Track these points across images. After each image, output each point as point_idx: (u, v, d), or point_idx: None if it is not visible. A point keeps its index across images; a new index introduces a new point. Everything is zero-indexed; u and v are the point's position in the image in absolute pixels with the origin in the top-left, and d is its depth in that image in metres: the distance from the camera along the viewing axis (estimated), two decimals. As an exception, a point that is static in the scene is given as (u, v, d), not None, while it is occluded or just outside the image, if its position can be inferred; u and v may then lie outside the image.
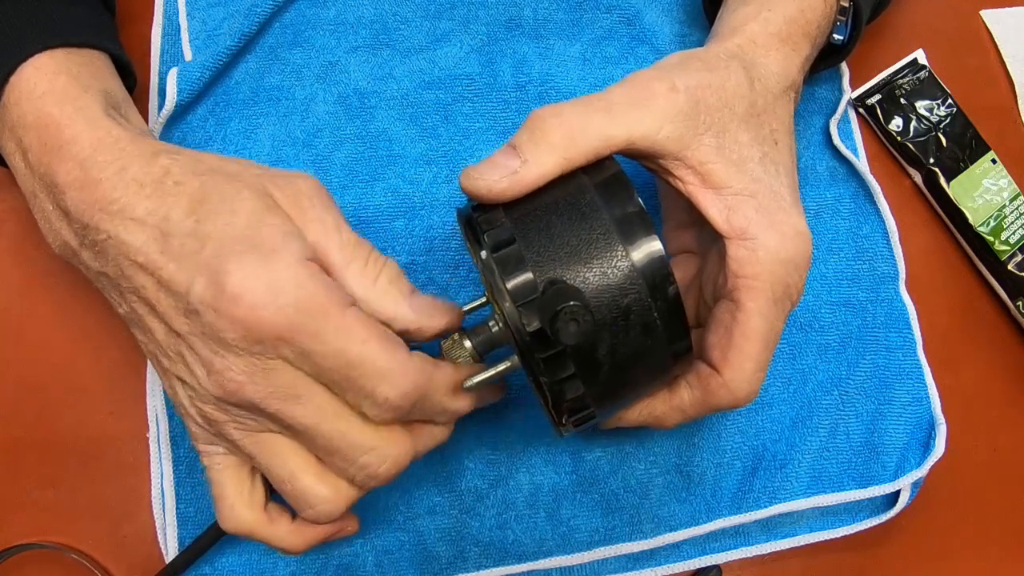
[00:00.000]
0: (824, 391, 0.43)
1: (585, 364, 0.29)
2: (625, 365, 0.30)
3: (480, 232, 0.30)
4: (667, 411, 0.35)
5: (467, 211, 0.32)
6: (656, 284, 0.29)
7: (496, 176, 0.31)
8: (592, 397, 0.30)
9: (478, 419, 0.41)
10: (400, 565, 0.39)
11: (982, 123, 0.49)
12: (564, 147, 0.31)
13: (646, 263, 0.29)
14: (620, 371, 0.30)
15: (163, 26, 0.45)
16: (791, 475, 0.42)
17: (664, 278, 0.29)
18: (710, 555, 0.41)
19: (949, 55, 0.51)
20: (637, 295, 0.29)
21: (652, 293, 0.29)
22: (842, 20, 0.42)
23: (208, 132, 0.43)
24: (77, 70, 0.34)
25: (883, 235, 0.46)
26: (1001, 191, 0.48)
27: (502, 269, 0.29)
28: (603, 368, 0.30)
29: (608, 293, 0.29)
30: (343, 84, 0.44)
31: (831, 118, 0.48)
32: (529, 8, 0.47)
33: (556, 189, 0.31)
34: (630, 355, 0.30)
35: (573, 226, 0.30)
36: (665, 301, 0.30)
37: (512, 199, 0.31)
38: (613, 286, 0.29)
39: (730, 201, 0.32)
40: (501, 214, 0.30)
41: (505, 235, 0.29)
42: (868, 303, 0.45)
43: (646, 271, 0.29)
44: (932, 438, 0.43)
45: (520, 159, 0.31)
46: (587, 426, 0.32)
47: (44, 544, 0.38)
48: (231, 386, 0.29)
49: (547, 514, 0.40)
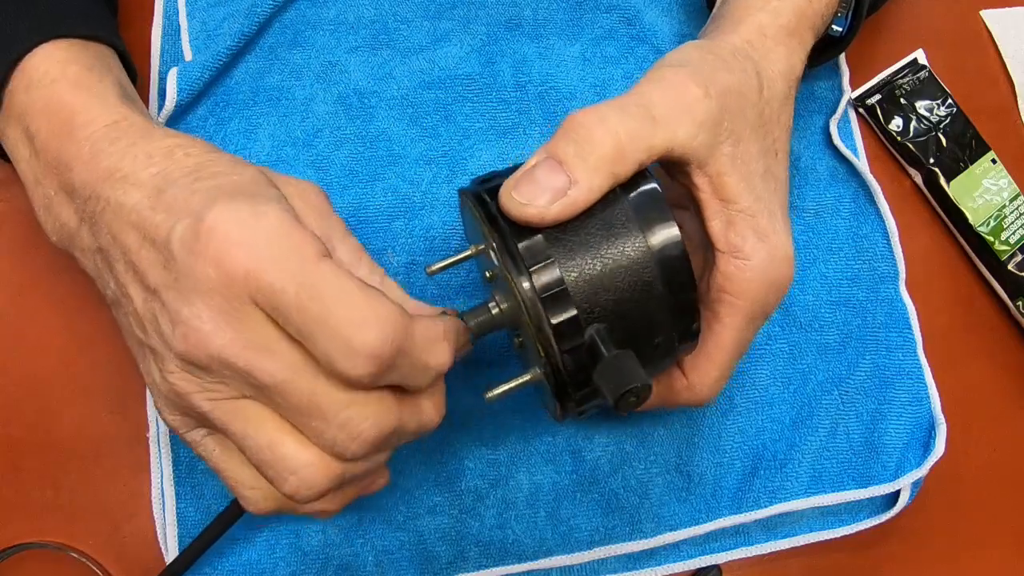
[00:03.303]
0: (824, 391, 0.43)
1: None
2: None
3: (519, 258, 0.29)
4: None
5: (478, 192, 0.31)
6: (680, 317, 0.31)
7: (544, 201, 0.29)
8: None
9: (478, 419, 0.41)
10: (400, 565, 0.39)
11: (982, 123, 0.49)
12: (613, 161, 0.30)
13: (664, 256, 0.30)
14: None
15: (163, 26, 0.45)
16: (791, 475, 0.42)
17: (691, 317, 0.31)
18: (710, 555, 0.41)
19: (949, 55, 0.51)
20: (666, 337, 0.30)
21: (675, 325, 0.31)
22: (842, 11, 0.42)
23: (208, 132, 0.43)
24: (90, 61, 0.34)
25: (883, 235, 0.46)
26: (1001, 191, 0.48)
27: (548, 309, 0.29)
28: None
29: (640, 326, 0.30)
30: (343, 84, 0.44)
31: (831, 118, 0.48)
32: (529, 8, 0.47)
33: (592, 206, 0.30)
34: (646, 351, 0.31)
35: (607, 249, 0.29)
36: (687, 335, 0.32)
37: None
38: (644, 319, 0.30)
39: (732, 217, 0.33)
40: (541, 240, 0.29)
41: (553, 277, 0.29)
42: (868, 303, 0.45)
43: (664, 264, 0.30)
44: (932, 438, 0.43)
45: (566, 176, 0.29)
46: (588, 411, 0.33)
47: (44, 544, 0.38)
48: (195, 336, 0.26)
49: (547, 514, 0.40)
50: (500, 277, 0.31)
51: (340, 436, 0.27)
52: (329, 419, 0.27)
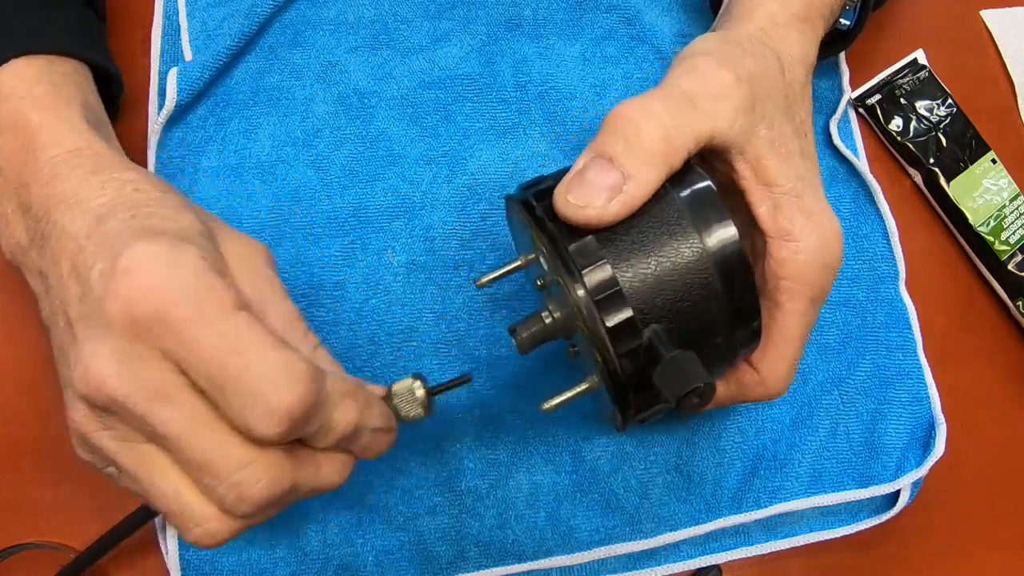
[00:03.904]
0: (824, 391, 0.43)
1: None
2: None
3: (571, 261, 0.28)
4: None
5: (525, 197, 0.31)
6: (740, 318, 0.30)
7: (601, 201, 0.28)
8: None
9: (478, 419, 0.41)
10: (400, 565, 0.39)
11: (982, 123, 0.49)
12: (664, 153, 0.29)
13: (721, 256, 0.29)
14: None
15: (163, 26, 0.45)
16: (791, 475, 0.42)
17: (752, 317, 0.30)
18: (710, 555, 0.41)
19: (949, 55, 0.51)
20: (726, 338, 0.30)
21: (735, 325, 0.30)
22: (850, 5, 0.42)
23: (208, 132, 0.43)
24: (60, 80, 0.34)
25: (883, 235, 0.46)
26: (1001, 191, 0.48)
27: (602, 310, 0.28)
28: None
29: (699, 327, 0.29)
30: (343, 84, 0.44)
31: (831, 118, 0.48)
32: (529, 8, 0.47)
33: (651, 219, 0.29)
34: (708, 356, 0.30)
35: (662, 249, 0.29)
36: (749, 336, 0.31)
37: None
38: (703, 319, 0.29)
39: (778, 199, 0.32)
40: (593, 242, 0.28)
41: (606, 276, 0.28)
42: (868, 303, 0.45)
43: (722, 266, 0.29)
44: (932, 438, 0.43)
45: (619, 173, 0.29)
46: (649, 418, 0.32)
47: (44, 544, 0.38)
48: (94, 378, 0.25)
49: (547, 514, 0.40)
50: (552, 283, 0.31)
51: (230, 496, 0.26)
52: (221, 478, 0.26)
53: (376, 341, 0.41)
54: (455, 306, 0.42)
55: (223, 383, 0.25)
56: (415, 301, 0.42)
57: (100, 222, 0.28)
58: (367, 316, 0.41)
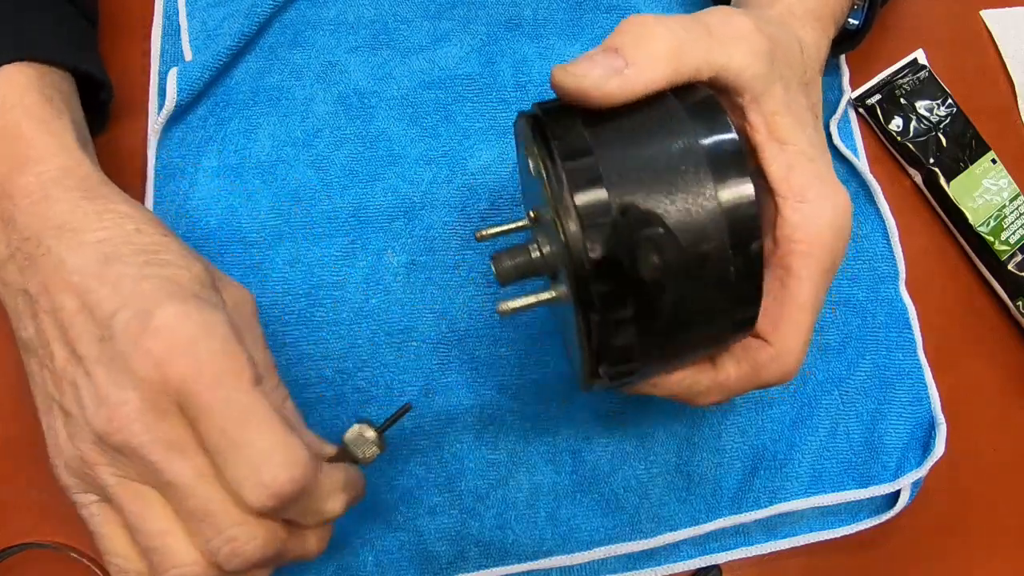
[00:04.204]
0: (824, 391, 0.43)
1: (647, 309, 0.26)
2: (688, 321, 0.27)
3: (550, 137, 0.26)
4: (709, 386, 0.32)
5: (533, 112, 0.29)
6: (741, 235, 0.26)
7: (599, 72, 0.27)
8: (641, 349, 0.27)
9: (478, 419, 0.41)
10: (400, 565, 0.39)
11: (982, 123, 0.49)
12: (670, 56, 0.28)
13: (734, 207, 0.26)
14: (680, 327, 0.27)
15: (163, 26, 0.45)
16: (791, 475, 0.42)
17: (751, 231, 0.26)
18: (710, 555, 0.41)
19: (949, 55, 0.51)
20: (719, 243, 0.26)
21: (735, 244, 0.26)
22: (859, 5, 0.42)
23: (208, 132, 0.43)
24: (50, 92, 0.34)
25: (883, 235, 0.46)
26: (1001, 191, 0.48)
27: (572, 182, 0.25)
28: (663, 318, 0.27)
29: (688, 233, 0.26)
30: (343, 84, 0.44)
31: (831, 118, 0.48)
32: (529, 8, 0.47)
33: (642, 105, 0.27)
34: (696, 311, 0.27)
35: (659, 149, 0.26)
36: (746, 257, 0.26)
37: (607, 106, 0.27)
38: (695, 227, 0.26)
39: (792, 159, 0.31)
40: (579, 123, 0.26)
41: (580, 144, 0.26)
42: (868, 303, 0.45)
43: (733, 217, 0.26)
44: (932, 438, 0.43)
45: (623, 60, 0.28)
46: (622, 382, 0.30)
47: (44, 544, 0.38)
48: (119, 422, 0.27)
49: (547, 514, 0.40)
50: (544, 214, 0.28)
51: (224, 549, 0.27)
52: (220, 529, 0.27)
53: (376, 341, 0.41)
54: (455, 306, 0.42)
55: (227, 450, 0.27)
56: (415, 301, 0.42)
57: (107, 262, 0.29)
58: (367, 316, 0.41)
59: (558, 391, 0.42)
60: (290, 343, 0.41)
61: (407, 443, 0.40)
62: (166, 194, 0.42)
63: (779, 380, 0.32)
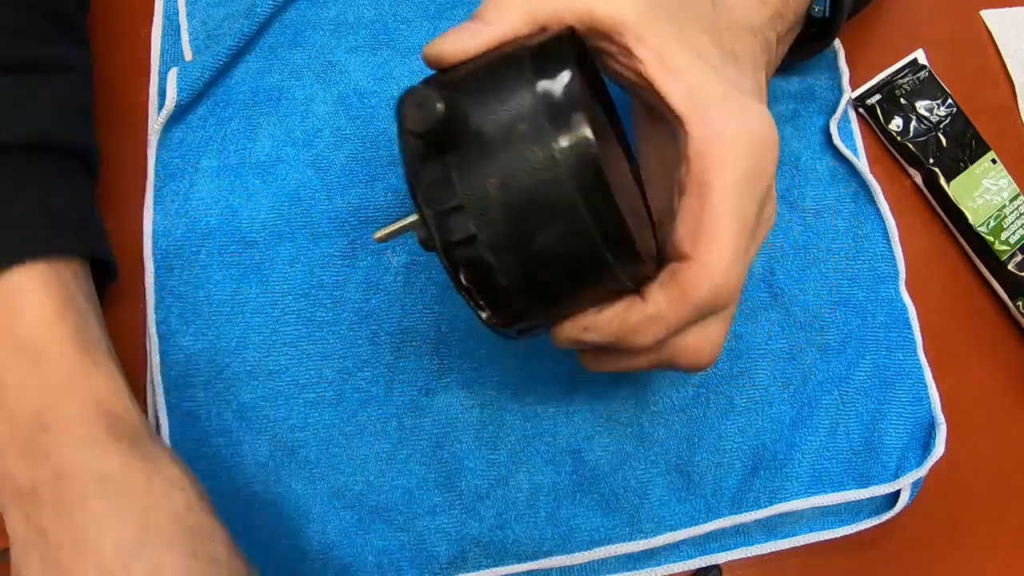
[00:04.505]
0: (824, 391, 0.43)
1: (509, 259, 0.28)
2: (552, 261, 0.28)
3: (406, 112, 0.27)
4: (642, 319, 0.30)
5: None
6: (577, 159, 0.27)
7: (456, 34, 0.29)
8: (516, 294, 0.28)
9: (478, 419, 0.41)
10: (400, 565, 0.39)
11: (982, 123, 0.49)
12: (525, 10, 0.29)
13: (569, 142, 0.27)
14: (547, 266, 0.28)
15: (163, 26, 0.45)
16: (791, 475, 0.42)
17: (589, 163, 0.27)
18: (710, 555, 0.41)
19: (949, 55, 0.51)
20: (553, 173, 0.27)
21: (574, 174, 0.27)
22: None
23: (208, 132, 0.43)
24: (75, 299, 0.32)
25: (883, 235, 0.46)
26: (1001, 191, 0.48)
27: (414, 150, 0.28)
28: (527, 264, 0.28)
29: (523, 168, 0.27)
30: (343, 84, 0.44)
31: (831, 118, 0.48)
32: (529, 8, 0.47)
33: (496, 61, 0.29)
34: (559, 250, 0.28)
35: (498, 102, 0.27)
36: (593, 185, 0.27)
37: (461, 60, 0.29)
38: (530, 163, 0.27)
39: (690, 81, 0.30)
40: (436, 94, 0.27)
41: (431, 111, 0.26)
42: (868, 303, 0.45)
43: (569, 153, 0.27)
44: (932, 438, 0.43)
45: (482, 23, 0.29)
46: (522, 329, 0.30)
47: (44, 544, 0.38)
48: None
49: (547, 514, 0.40)
50: None
51: None
52: None
53: (376, 341, 0.41)
54: (455, 306, 0.42)
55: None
56: (415, 301, 0.42)
57: (146, 542, 0.27)
58: (367, 316, 0.41)
59: (558, 391, 0.42)
60: (290, 343, 0.41)
61: (407, 443, 0.40)
62: (166, 194, 0.42)
63: (714, 299, 0.29)
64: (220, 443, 0.39)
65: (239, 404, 0.40)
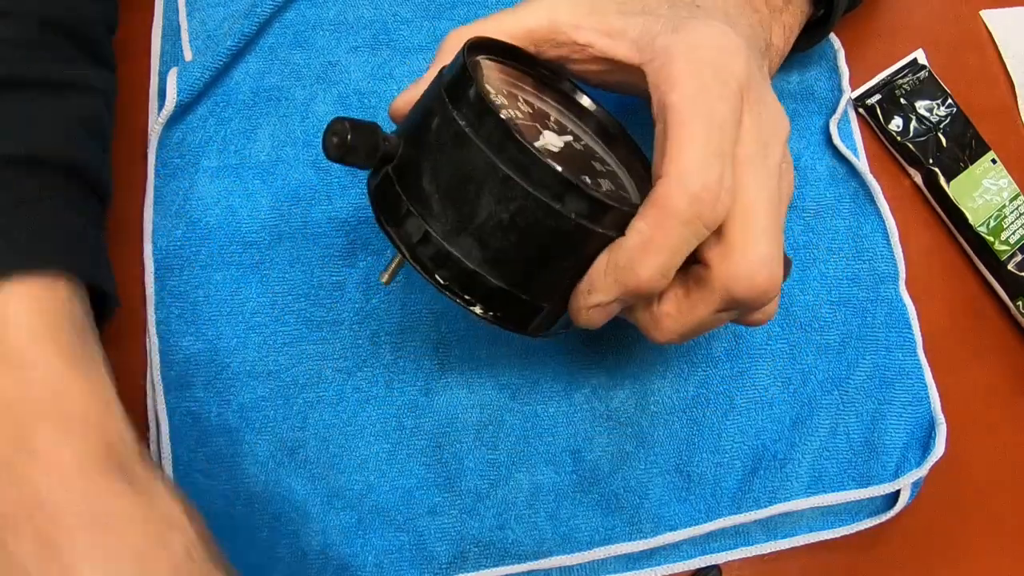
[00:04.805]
0: (824, 391, 0.43)
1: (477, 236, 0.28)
2: (496, 226, 0.28)
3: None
4: (629, 254, 0.28)
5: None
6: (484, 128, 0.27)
7: (403, 92, 0.33)
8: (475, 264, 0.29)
9: (478, 419, 0.41)
10: (400, 565, 0.39)
11: (982, 123, 0.49)
12: (451, 50, 0.32)
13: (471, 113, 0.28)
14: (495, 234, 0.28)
15: (163, 26, 0.45)
16: (791, 475, 0.42)
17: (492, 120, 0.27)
18: (710, 555, 0.41)
19: (949, 55, 0.51)
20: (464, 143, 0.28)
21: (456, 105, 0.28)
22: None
23: (208, 132, 0.43)
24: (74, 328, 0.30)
25: (883, 235, 0.46)
26: (1001, 191, 0.48)
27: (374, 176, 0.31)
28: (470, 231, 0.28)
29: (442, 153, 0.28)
30: (343, 84, 0.44)
31: (831, 118, 0.48)
32: (529, 8, 0.47)
33: None
34: (493, 213, 0.28)
35: (417, 107, 0.31)
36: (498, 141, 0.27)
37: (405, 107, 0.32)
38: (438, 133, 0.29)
39: (635, 33, 0.30)
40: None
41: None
42: (868, 303, 0.45)
43: (472, 118, 0.28)
44: (932, 438, 0.43)
45: (427, 73, 0.33)
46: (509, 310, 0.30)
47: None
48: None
49: (547, 514, 0.40)
50: None
51: None
52: None
53: (376, 341, 0.41)
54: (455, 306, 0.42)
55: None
56: (415, 301, 0.42)
57: None
58: (367, 316, 0.41)
59: (558, 391, 0.42)
60: (290, 343, 0.41)
61: (407, 443, 0.40)
62: (166, 194, 0.42)
63: (694, 205, 0.27)
64: (220, 443, 0.39)
65: (239, 404, 0.40)
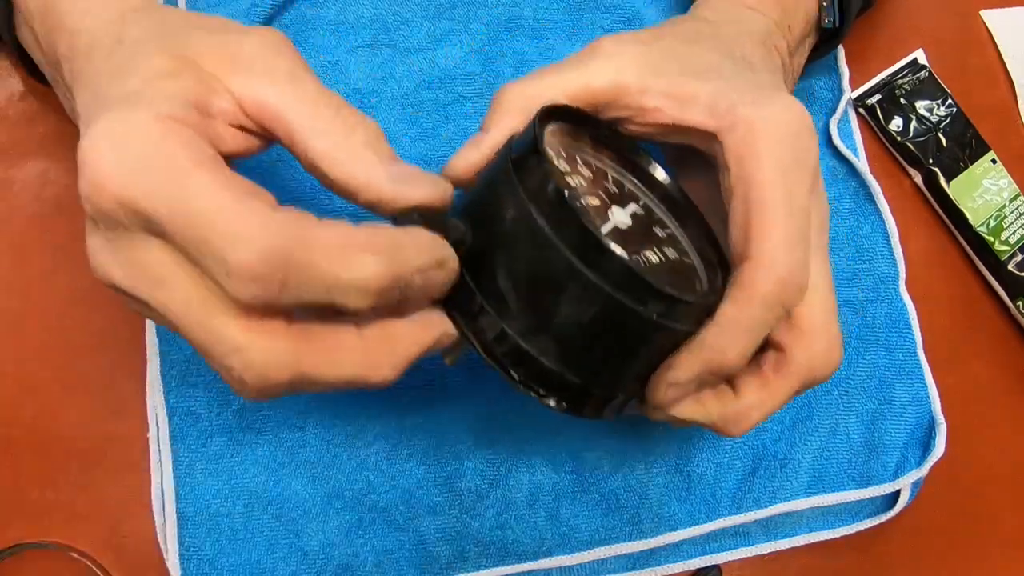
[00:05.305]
0: (824, 391, 0.43)
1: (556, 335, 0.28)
2: (574, 325, 0.28)
3: None
4: (717, 337, 0.28)
5: None
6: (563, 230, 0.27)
7: (461, 154, 0.31)
8: (551, 361, 0.28)
9: (478, 419, 0.41)
10: (400, 565, 0.39)
11: (982, 123, 0.49)
12: (523, 108, 0.30)
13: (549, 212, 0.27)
14: (574, 332, 0.28)
15: (163, 26, 0.45)
16: (791, 475, 0.42)
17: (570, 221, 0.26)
18: (710, 555, 0.41)
19: (949, 55, 0.51)
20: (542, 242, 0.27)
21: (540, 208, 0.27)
22: (827, 2, 0.42)
23: (208, 132, 0.43)
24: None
25: (883, 235, 0.46)
26: (1001, 191, 0.48)
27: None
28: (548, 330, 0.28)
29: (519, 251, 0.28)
30: (343, 84, 0.44)
31: (831, 118, 0.48)
32: (529, 8, 0.47)
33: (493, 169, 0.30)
34: (572, 312, 0.27)
35: (485, 195, 0.29)
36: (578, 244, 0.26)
37: (471, 175, 0.31)
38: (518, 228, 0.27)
39: (707, 99, 0.30)
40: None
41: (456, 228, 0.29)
42: (868, 303, 0.45)
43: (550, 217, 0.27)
44: (932, 438, 0.43)
45: (485, 133, 0.31)
46: (581, 401, 0.30)
47: (44, 544, 0.38)
48: (100, 270, 0.25)
49: (547, 514, 0.40)
50: None
51: (227, 378, 0.25)
52: (216, 360, 0.25)
53: (376, 341, 0.41)
54: (455, 306, 0.42)
55: (196, 249, 0.23)
56: (415, 301, 0.42)
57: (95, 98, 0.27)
58: (367, 316, 0.41)
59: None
60: (290, 343, 0.41)
61: (407, 443, 0.40)
62: (166, 194, 0.42)
63: (782, 289, 0.28)
64: (220, 443, 0.39)
65: (239, 404, 0.40)
